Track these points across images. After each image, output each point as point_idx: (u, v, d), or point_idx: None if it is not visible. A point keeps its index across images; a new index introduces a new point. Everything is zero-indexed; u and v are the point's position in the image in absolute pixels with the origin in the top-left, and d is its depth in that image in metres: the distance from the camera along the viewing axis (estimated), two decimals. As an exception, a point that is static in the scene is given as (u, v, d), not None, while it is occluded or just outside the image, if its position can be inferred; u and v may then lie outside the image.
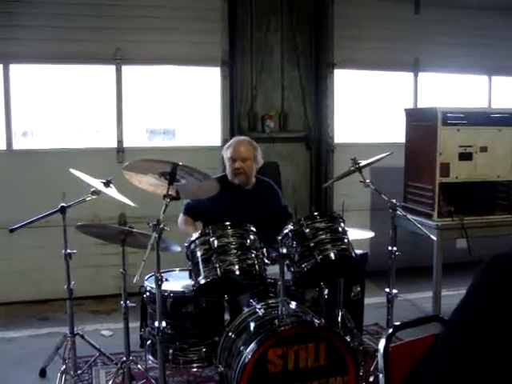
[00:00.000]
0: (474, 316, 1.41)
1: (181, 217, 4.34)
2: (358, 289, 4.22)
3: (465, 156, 5.32)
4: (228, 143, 4.43)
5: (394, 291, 3.84)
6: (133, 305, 3.62)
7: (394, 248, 3.83)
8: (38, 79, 5.98)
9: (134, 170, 3.33)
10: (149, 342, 3.68)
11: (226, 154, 4.30)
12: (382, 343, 1.85)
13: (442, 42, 6.84)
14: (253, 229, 3.39)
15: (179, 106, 6.45)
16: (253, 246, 3.32)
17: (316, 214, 3.58)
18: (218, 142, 6.30)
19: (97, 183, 3.79)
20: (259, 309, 3.43)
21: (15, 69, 5.83)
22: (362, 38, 6.58)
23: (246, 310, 3.49)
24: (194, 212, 4.30)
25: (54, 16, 5.73)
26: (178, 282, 3.71)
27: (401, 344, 1.91)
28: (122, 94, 6.09)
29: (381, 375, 1.85)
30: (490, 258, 1.44)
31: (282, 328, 3.11)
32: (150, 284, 3.65)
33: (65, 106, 6.06)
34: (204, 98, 6.48)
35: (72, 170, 3.81)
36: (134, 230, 3.40)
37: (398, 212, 3.86)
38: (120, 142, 6.12)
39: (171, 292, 3.58)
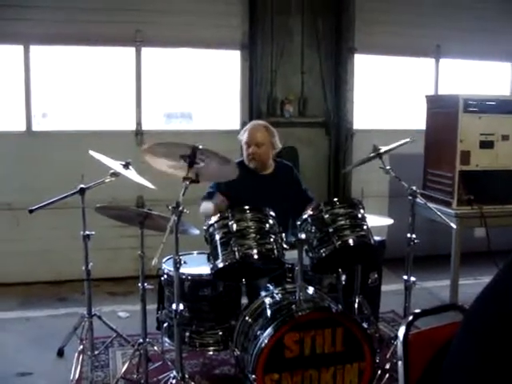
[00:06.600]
0: (501, 305, 1.39)
1: (203, 202, 4.22)
2: (376, 276, 4.19)
3: (486, 144, 5.27)
4: (245, 127, 4.41)
5: (412, 279, 3.82)
6: (150, 287, 3.62)
7: (413, 235, 3.81)
8: (58, 61, 5.97)
9: (153, 152, 3.32)
10: (165, 325, 3.71)
11: (243, 138, 4.28)
12: (401, 330, 1.83)
13: (464, 28, 6.74)
14: (272, 213, 3.39)
15: (197, 89, 6.41)
16: (271, 230, 3.33)
17: (336, 199, 3.55)
18: (236, 126, 6.29)
19: (116, 165, 3.79)
20: (276, 293, 3.43)
21: (35, 50, 5.83)
22: (383, 23, 6.50)
23: (263, 294, 3.50)
24: None
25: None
26: (195, 265, 3.72)
27: (420, 332, 1.90)
28: (141, 77, 6.09)
29: (400, 362, 1.83)
30: None
31: (299, 313, 3.12)
32: (167, 267, 3.66)
33: (84, 87, 6.06)
34: (223, 82, 6.46)
35: (92, 152, 3.82)
36: (154, 212, 3.39)
37: (418, 199, 3.83)
38: (139, 124, 6.12)
39: (189, 275, 3.60)
